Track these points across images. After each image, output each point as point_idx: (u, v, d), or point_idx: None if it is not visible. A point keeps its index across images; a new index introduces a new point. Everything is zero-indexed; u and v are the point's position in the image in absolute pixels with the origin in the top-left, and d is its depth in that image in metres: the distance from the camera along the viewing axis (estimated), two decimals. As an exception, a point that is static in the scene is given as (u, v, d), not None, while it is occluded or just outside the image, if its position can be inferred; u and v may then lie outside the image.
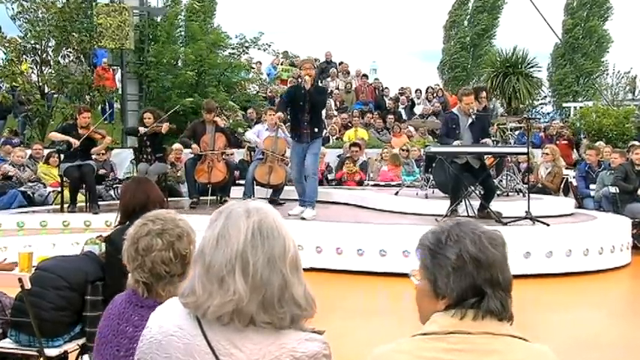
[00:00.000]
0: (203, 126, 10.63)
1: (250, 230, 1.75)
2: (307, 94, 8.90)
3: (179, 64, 15.92)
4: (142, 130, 10.45)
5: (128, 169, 12.28)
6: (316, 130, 9.04)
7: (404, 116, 18.18)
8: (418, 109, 18.70)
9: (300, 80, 9.38)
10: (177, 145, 12.76)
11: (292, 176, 9.75)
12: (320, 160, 13.18)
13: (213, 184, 10.50)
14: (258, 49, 16.13)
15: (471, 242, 1.75)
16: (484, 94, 10.39)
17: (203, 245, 1.81)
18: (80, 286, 3.92)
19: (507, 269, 1.77)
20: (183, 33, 16.55)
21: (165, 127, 10.32)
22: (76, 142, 9.69)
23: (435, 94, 19.25)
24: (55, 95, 15.12)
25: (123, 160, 13.27)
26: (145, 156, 10.57)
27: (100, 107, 18.05)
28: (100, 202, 10.40)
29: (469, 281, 1.73)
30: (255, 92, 17.57)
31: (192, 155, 10.89)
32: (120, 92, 16.15)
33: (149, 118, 10.51)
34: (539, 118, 18.38)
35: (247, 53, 16.71)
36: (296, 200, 9.61)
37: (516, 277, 6.06)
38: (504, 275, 1.76)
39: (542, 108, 25.90)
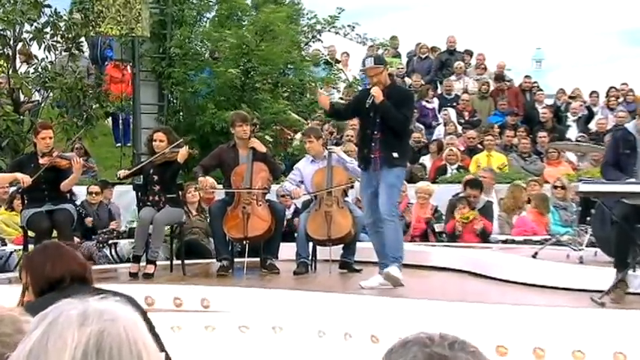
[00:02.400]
0: (234, 152, 10.74)
1: (82, 347, 1.68)
2: (375, 103, 8.95)
3: (220, 59, 16.18)
4: (120, 173, 10.97)
5: (133, 217, 12.49)
6: (395, 155, 9.01)
7: (574, 133, 17.82)
8: (594, 123, 18.32)
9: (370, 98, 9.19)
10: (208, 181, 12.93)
11: (365, 221, 9.84)
12: (425, 202, 13.25)
13: (251, 239, 10.53)
14: (336, 33, 16.23)
15: None
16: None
17: None
18: None
19: None
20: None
21: (183, 152, 10.38)
22: (25, 180, 9.89)
23: (622, 99, 18.87)
24: (39, 105, 15.64)
25: (130, 203, 13.47)
26: (151, 197, 10.65)
27: (109, 121, 18.65)
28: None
29: None
30: (338, 97, 17.67)
31: (224, 196, 11.00)
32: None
33: (162, 141, 10.62)
34: None
35: (320, 40, 16.87)
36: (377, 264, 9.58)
37: None
38: None
39: None
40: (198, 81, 15.85)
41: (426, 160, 16.15)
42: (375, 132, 9.07)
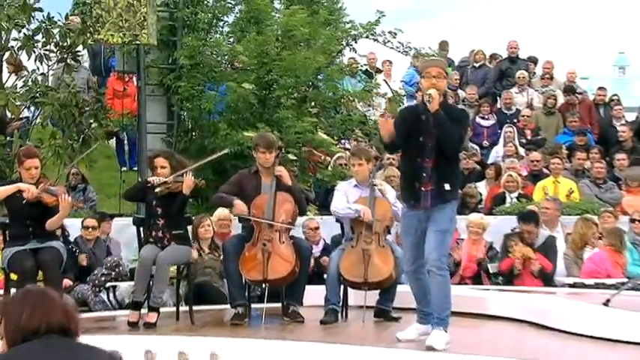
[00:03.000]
0: (256, 180, 10.76)
1: None
2: (429, 122, 8.74)
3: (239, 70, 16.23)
4: (154, 180, 10.64)
5: (136, 255, 12.51)
6: (446, 187, 8.85)
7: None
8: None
9: (427, 97, 8.85)
10: (221, 213, 12.87)
11: (404, 268, 9.68)
12: (478, 237, 13.16)
13: (271, 282, 10.52)
14: (374, 40, 16.21)
15: None
16: None
17: None
18: None
19: None
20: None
21: (188, 182, 10.43)
22: (30, 191, 9.92)
23: None
24: (29, 124, 15.70)
25: (132, 239, 13.50)
26: (154, 233, 10.71)
27: (113, 142, 18.76)
28: (81, 315, 10.60)
29: None
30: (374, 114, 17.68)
31: (240, 231, 10.99)
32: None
33: (163, 167, 10.70)
34: None
35: (354, 49, 16.88)
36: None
37: None
38: None
39: None
40: (206, 98, 15.91)
41: (482, 186, 16.04)
42: (427, 159, 8.80)
